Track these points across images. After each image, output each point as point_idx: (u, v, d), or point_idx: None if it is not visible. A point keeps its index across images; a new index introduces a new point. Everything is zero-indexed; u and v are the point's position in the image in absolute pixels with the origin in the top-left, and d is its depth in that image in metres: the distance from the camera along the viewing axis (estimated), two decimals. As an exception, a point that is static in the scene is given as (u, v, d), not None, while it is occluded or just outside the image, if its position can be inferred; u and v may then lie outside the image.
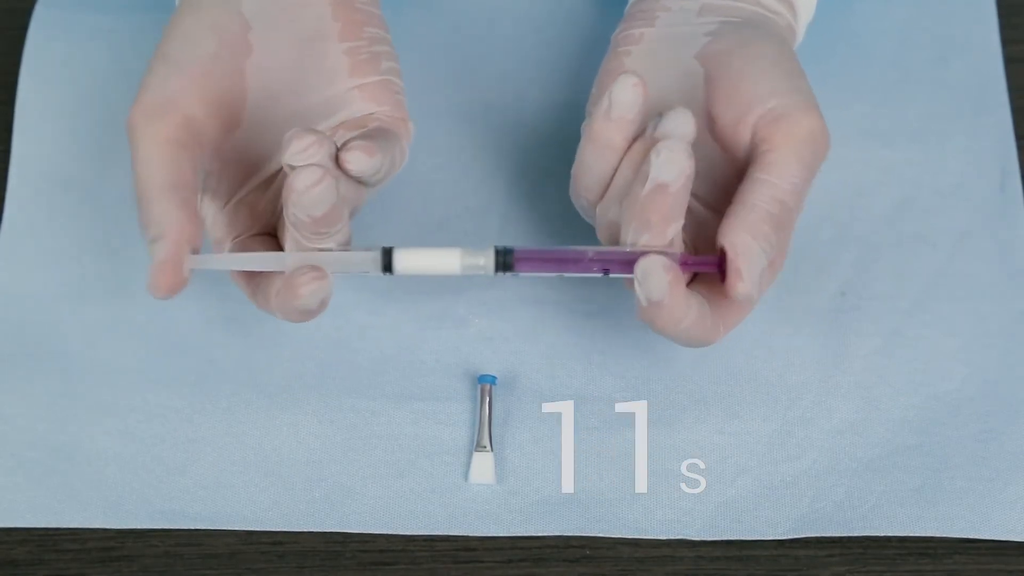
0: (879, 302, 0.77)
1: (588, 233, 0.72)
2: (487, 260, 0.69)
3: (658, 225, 0.66)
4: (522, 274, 0.69)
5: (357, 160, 0.68)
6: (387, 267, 0.69)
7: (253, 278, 0.70)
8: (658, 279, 0.65)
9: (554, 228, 0.79)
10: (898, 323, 0.77)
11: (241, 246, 0.71)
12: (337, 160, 0.68)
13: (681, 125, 0.67)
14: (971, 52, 0.84)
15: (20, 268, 0.78)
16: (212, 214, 0.71)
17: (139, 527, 0.72)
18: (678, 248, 0.67)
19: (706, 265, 0.68)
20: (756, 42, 0.71)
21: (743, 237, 0.67)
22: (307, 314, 0.68)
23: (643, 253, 0.67)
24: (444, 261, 0.69)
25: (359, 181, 0.69)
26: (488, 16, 0.86)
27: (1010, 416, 0.74)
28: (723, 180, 0.70)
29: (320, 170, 0.66)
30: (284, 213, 0.67)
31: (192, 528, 0.72)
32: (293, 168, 0.66)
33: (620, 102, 0.67)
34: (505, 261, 0.69)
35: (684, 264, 0.67)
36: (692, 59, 0.72)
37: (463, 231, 0.79)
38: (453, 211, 0.80)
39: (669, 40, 0.73)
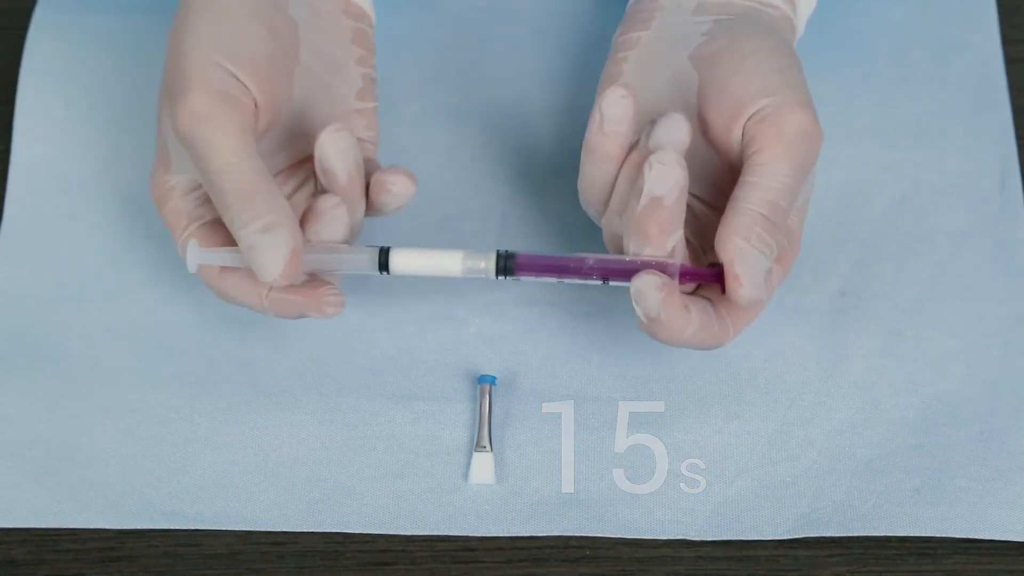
0: (879, 302, 0.77)
1: (588, 234, 0.72)
2: (488, 263, 0.69)
3: (657, 238, 0.67)
4: (523, 279, 0.69)
5: (402, 183, 0.69)
6: (384, 267, 0.69)
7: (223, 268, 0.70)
8: (652, 298, 0.66)
9: (554, 229, 0.79)
10: (898, 323, 0.77)
11: (197, 233, 0.70)
12: (371, 183, 0.69)
13: (673, 132, 0.67)
14: (971, 52, 0.84)
15: (20, 268, 0.78)
16: (176, 198, 0.71)
17: (139, 527, 0.72)
18: (679, 257, 0.68)
19: (705, 277, 0.68)
20: (748, 38, 0.71)
21: (737, 243, 0.67)
22: (302, 316, 0.69)
23: (643, 262, 0.67)
24: (444, 263, 0.69)
25: (377, 210, 0.70)
26: (488, 16, 0.86)
27: (1010, 416, 0.74)
28: (721, 180, 0.70)
29: (335, 198, 0.68)
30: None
31: (192, 528, 0.72)
32: (323, 194, 0.68)
33: (610, 116, 0.68)
34: (506, 265, 0.69)
35: (684, 276, 0.67)
36: (686, 61, 0.72)
37: (463, 231, 0.79)
38: (453, 211, 0.80)
39: (665, 43, 0.73)
